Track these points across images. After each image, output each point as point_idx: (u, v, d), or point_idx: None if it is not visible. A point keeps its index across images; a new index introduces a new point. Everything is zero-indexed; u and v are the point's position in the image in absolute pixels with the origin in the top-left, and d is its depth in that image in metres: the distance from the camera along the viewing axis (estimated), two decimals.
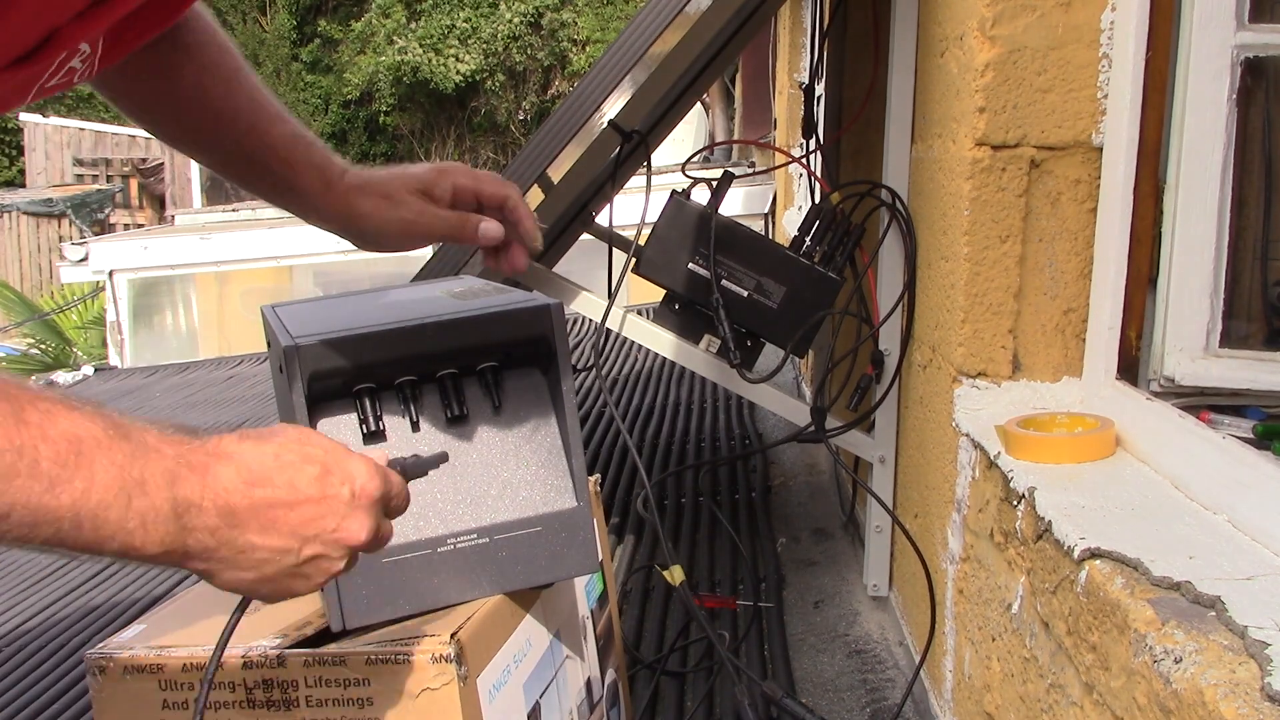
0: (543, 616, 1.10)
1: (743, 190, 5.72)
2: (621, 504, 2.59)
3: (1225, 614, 0.74)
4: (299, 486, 0.68)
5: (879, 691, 1.64)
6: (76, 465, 0.59)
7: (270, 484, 0.67)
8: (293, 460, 0.69)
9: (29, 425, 0.58)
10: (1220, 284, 1.18)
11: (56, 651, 2.10)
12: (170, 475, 0.63)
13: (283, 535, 0.67)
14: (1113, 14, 1.21)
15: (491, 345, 1.03)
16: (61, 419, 0.60)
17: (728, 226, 1.68)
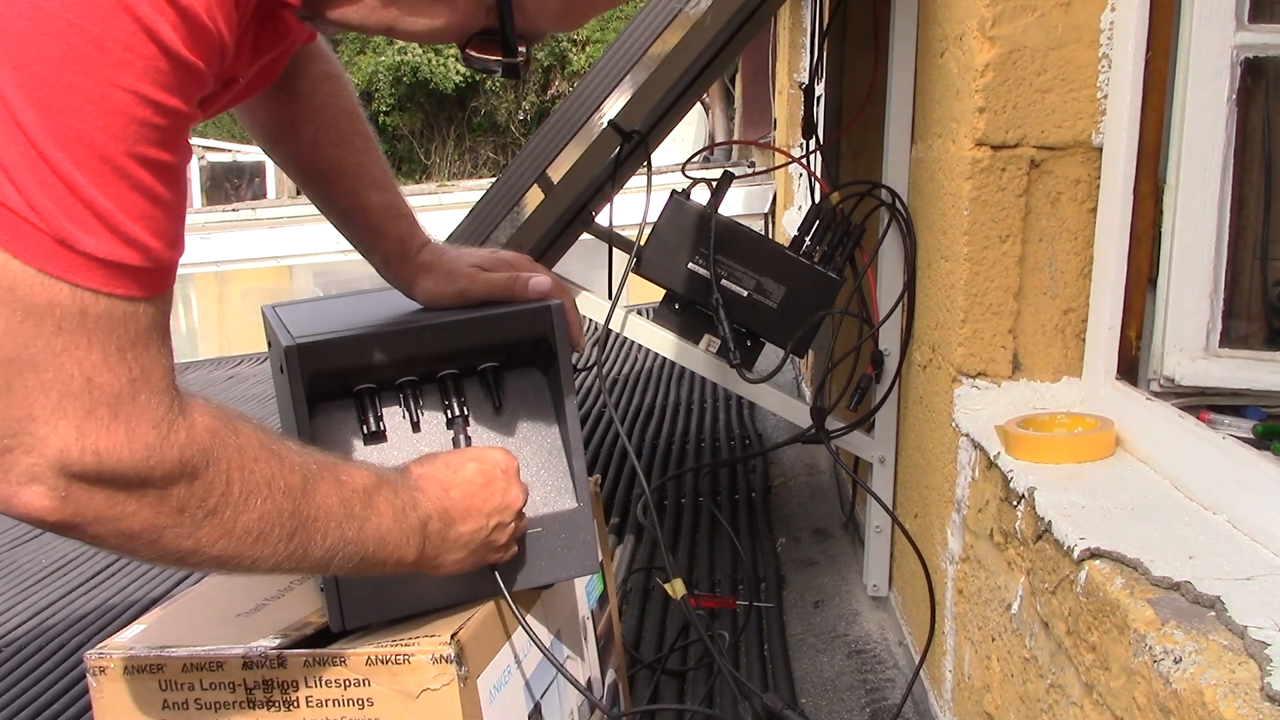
0: (543, 617, 1.10)
1: (743, 190, 5.72)
2: (621, 504, 2.59)
3: (1225, 614, 0.74)
4: (472, 480, 0.91)
5: (879, 691, 1.64)
6: (372, 507, 0.81)
7: (456, 486, 0.90)
8: (457, 464, 0.92)
9: (344, 485, 0.79)
10: (1220, 284, 1.18)
11: (56, 651, 2.10)
12: (411, 500, 0.86)
13: (477, 518, 0.91)
14: (1112, 14, 1.21)
15: (492, 346, 1.03)
16: (359, 476, 0.81)
17: (728, 226, 1.68)
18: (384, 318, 1.02)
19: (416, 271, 1.06)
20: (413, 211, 1.09)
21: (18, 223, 0.59)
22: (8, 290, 0.59)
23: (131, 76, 0.59)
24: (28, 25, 0.57)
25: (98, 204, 0.60)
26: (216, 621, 1.00)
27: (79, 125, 0.58)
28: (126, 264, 0.62)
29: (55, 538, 3.00)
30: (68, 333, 0.60)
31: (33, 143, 0.58)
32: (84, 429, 0.62)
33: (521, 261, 1.09)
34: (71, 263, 0.60)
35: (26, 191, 0.58)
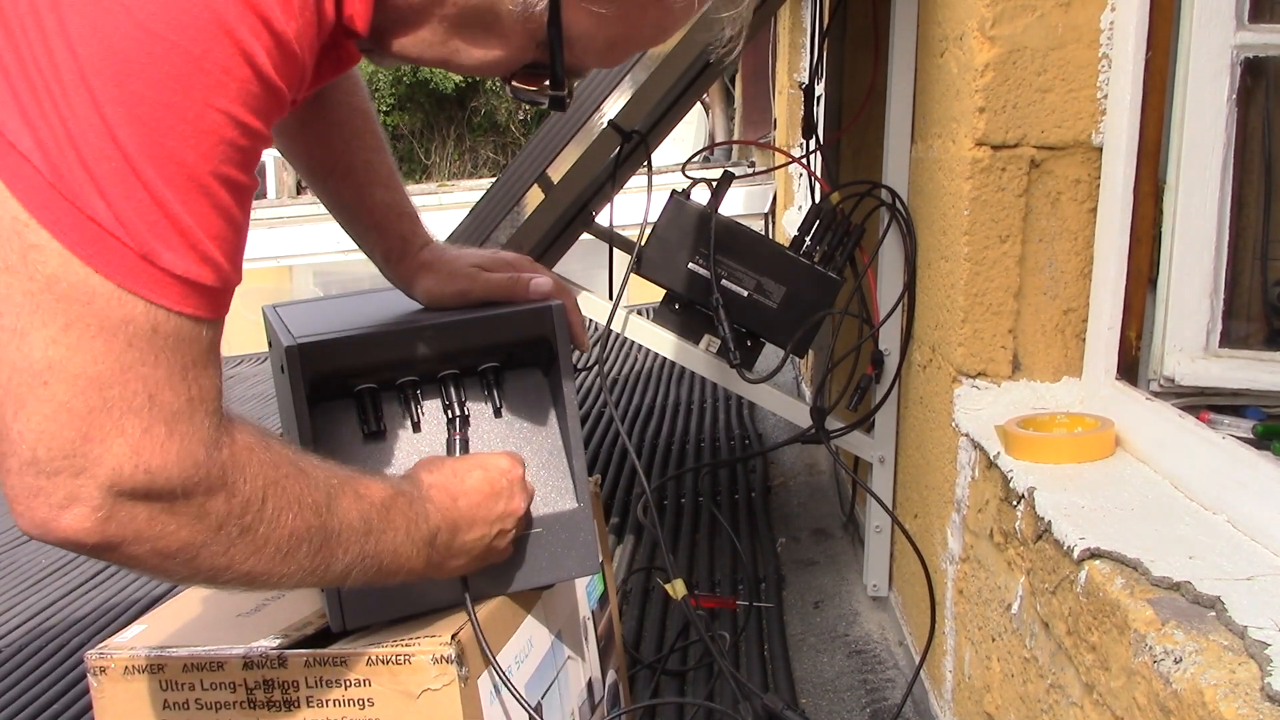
0: (544, 617, 1.10)
1: (743, 190, 5.72)
2: (621, 504, 2.59)
3: (1225, 614, 0.74)
4: (478, 488, 0.92)
5: (879, 691, 1.64)
6: (388, 521, 0.82)
7: (463, 495, 0.91)
8: (464, 471, 0.93)
9: (363, 499, 0.80)
10: (1220, 284, 1.18)
11: (57, 652, 2.10)
12: (423, 512, 0.87)
13: (482, 526, 0.92)
14: (1112, 14, 1.21)
15: (493, 346, 1.03)
16: (376, 489, 0.82)
17: (728, 226, 1.68)
18: (385, 318, 1.02)
19: (417, 270, 1.06)
20: (416, 212, 1.09)
21: (104, 237, 0.59)
22: (85, 305, 0.59)
23: (226, 98, 0.61)
24: (133, 45, 0.58)
25: (182, 221, 0.61)
26: (217, 621, 1.00)
27: (172, 143, 0.59)
28: (201, 283, 0.63)
29: None
30: (137, 349, 0.61)
31: (127, 158, 0.58)
32: (139, 446, 0.62)
33: (522, 262, 1.09)
34: (151, 279, 0.61)
35: (116, 206, 0.59)
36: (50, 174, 0.58)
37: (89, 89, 0.57)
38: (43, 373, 0.59)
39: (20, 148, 0.58)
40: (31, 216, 0.58)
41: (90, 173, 0.58)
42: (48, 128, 0.58)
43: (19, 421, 0.60)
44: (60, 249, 0.58)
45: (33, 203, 0.58)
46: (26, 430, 0.60)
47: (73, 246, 0.59)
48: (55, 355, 0.59)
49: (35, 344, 0.59)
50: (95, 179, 0.58)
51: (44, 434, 0.60)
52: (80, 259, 0.59)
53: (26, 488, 0.61)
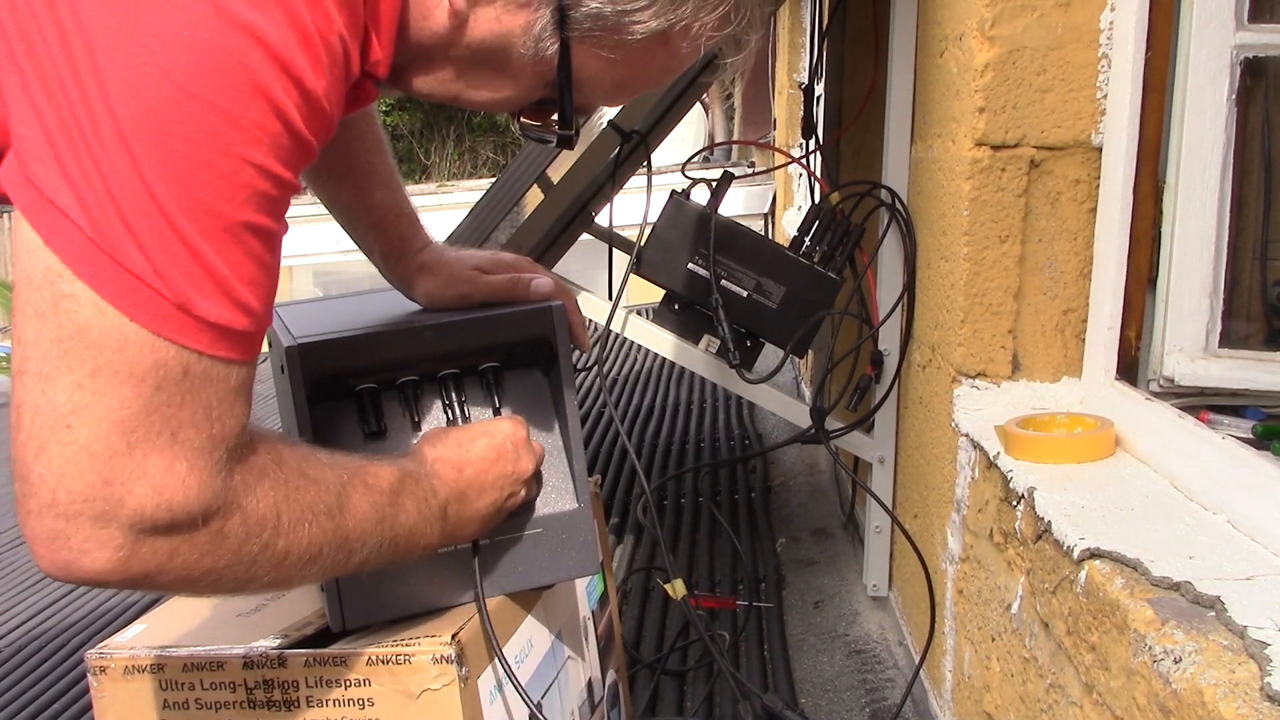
0: (544, 617, 1.10)
1: (743, 190, 5.72)
2: (621, 504, 2.59)
3: (1225, 614, 0.74)
4: (484, 455, 0.94)
5: (879, 691, 1.64)
6: (399, 505, 0.83)
7: (469, 464, 0.92)
8: (467, 441, 0.94)
9: (372, 489, 0.80)
10: (1220, 284, 1.18)
11: (57, 651, 2.10)
12: (431, 488, 0.88)
13: (492, 491, 0.94)
14: (1112, 14, 1.21)
15: (493, 347, 1.03)
16: (384, 476, 0.82)
17: (727, 227, 1.68)
18: (385, 318, 1.02)
19: (416, 272, 1.06)
20: (416, 212, 1.09)
21: (141, 288, 0.60)
22: (116, 351, 0.60)
23: (259, 152, 0.63)
24: (171, 106, 0.59)
25: (218, 270, 0.62)
26: (217, 621, 1.00)
27: (208, 197, 0.61)
28: (233, 328, 0.64)
29: None
30: (165, 391, 0.62)
31: (164, 213, 0.60)
32: (161, 485, 0.62)
33: (522, 263, 1.09)
34: (186, 326, 0.62)
35: (154, 259, 0.60)
36: (90, 229, 0.59)
37: (128, 147, 0.59)
38: (66, 416, 0.60)
39: (59, 203, 0.59)
40: (67, 267, 0.59)
41: (129, 227, 0.59)
42: (87, 185, 0.59)
43: (39, 464, 0.60)
44: (94, 298, 0.60)
45: (70, 255, 0.59)
46: (47, 473, 0.60)
47: (109, 296, 0.60)
48: (80, 399, 0.60)
49: (60, 388, 0.60)
50: (134, 233, 0.60)
51: (64, 477, 0.60)
52: (116, 308, 0.60)
53: (47, 531, 0.61)
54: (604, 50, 0.76)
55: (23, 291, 0.61)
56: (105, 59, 0.59)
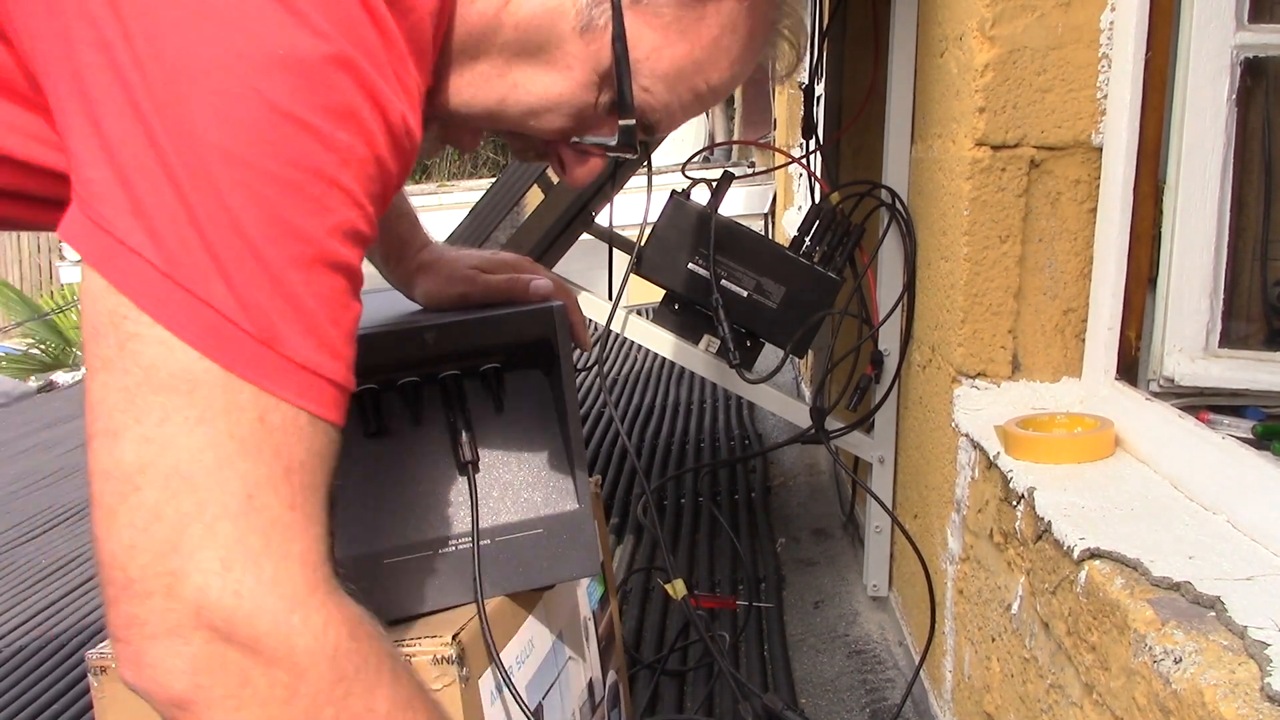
0: (545, 618, 1.10)
1: (743, 190, 5.72)
2: (621, 504, 2.59)
3: (1225, 614, 0.74)
4: None
5: (879, 691, 1.64)
6: None
7: None
8: None
9: None
10: (1220, 284, 1.18)
11: (57, 652, 2.10)
12: None
13: None
14: (1112, 14, 1.21)
15: (494, 347, 1.03)
16: None
17: (727, 227, 1.68)
18: (385, 318, 1.02)
19: (416, 272, 1.06)
20: (416, 213, 1.09)
21: (220, 322, 0.55)
22: (186, 394, 0.54)
23: (348, 175, 0.59)
24: (266, 126, 0.56)
25: (307, 305, 0.57)
26: None
27: (299, 220, 0.57)
28: (321, 374, 0.58)
29: (55, 537, 3.01)
30: (238, 440, 0.55)
31: (249, 239, 0.55)
32: (230, 559, 0.55)
33: (522, 263, 1.09)
34: (270, 365, 0.56)
35: (238, 288, 0.55)
36: (164, 264, 0.54)
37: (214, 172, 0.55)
38: (133, 476, 0.54)
39: (130, 243, 0.55)
40: (134, 305, 0.54)
41: (213, 256, 0.55)
42: (164, 217, 0.55)
43: (110, 540, 0.55)
44: (163, 334, 0.54)
45: (141, 294, 0.54)
46: (118, 549, 0.54)
47: (181, 331, 0.54)
48: (148, 455, 0.54)
49: (127, 444, 0.54)
50: (218, 261, 0.55)
51: (135, 549, 0.54)
52: (186, 343, 0.54)
53: (123, 619, 0.55)
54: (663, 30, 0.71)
55: (90, 347, 0.56)
56: (190, 85, 0.55)
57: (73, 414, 5.23)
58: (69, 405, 5.56)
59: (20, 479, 3.85)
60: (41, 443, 4.51)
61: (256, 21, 0.56)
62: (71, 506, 3.33)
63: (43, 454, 4.24)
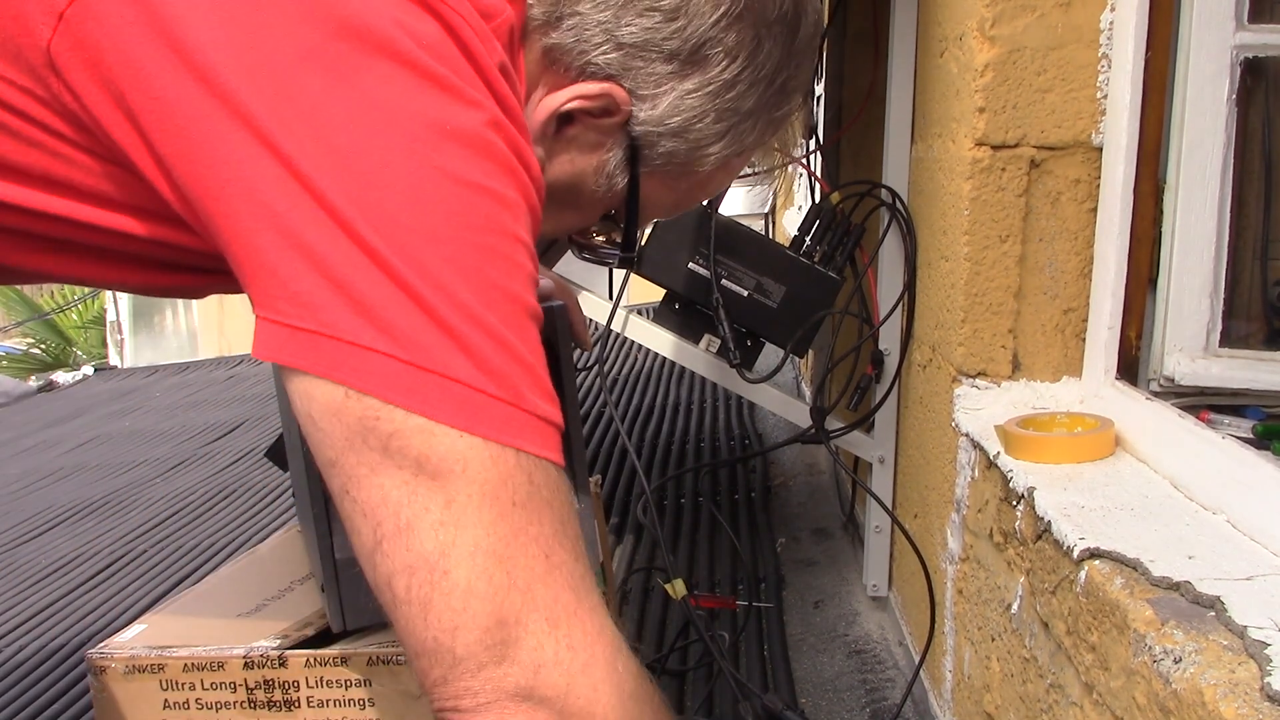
0: None
1: (743, 190, 5.71)
2: (621, 504, 2.59)
3: (1225, 614, 0.74)
4: None
5: (879, 691, 1.64)
6: None
7: None
8: None
9: None
10: (1220, 284, 1.18)
11: (56, 651, 2.10)
12: None
13: None
14: (1112, 14, 1.21)
15: None
16: None
17: (728, 226, 1.68)
18: None
19: None
20: None
21: (471, 395, 0.56)
22: (461, 474, 0.55)
23: (523, 229, 0.61)
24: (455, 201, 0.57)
25: (527, 359, 0.59)
26: (217, 621, 1.00)
27: (503, 283, 0.58)
28: (550, 420, 0.60)
29: (55, 537, 3.01)
30: (521, 507, 0.56)
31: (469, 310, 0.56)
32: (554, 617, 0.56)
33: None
34: (523, 425, 0.57)
35: (479, 358, 0.56)
36: (404, 353, 0.55)
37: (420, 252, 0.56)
38: (439, 562, 0.55)
39: (363, 342, 0.55)
40: (385, 402, 0.55)
41: (446, 331, 0.56)
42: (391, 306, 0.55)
43: (431, 628, 0.55)
44: (422, 423, 0.55)
45: (388, 389, 0.55)
46: (441, 633, 0.55)
47: (436, 414, 0.55)
48: (446, 538, 0.55)
49: (424, 535, 0.55)
50: (452, 335, 0.56)
51: (459, 629, 0.55)
52: (446, 424, 0.55)
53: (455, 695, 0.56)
54: (671, 180, 0.78)
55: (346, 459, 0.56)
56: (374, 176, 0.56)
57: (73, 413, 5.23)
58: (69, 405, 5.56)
59: (20, 479, 3.85)
60: (42, 442, 4.51)
61: (416, 102, 0.58)
62: (72, 506, 3.33)
63: (43, 454, 4.24)
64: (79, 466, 3.88)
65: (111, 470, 3.72)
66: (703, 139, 0.76)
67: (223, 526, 2.90)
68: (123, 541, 2.85)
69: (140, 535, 2.90)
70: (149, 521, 3.03)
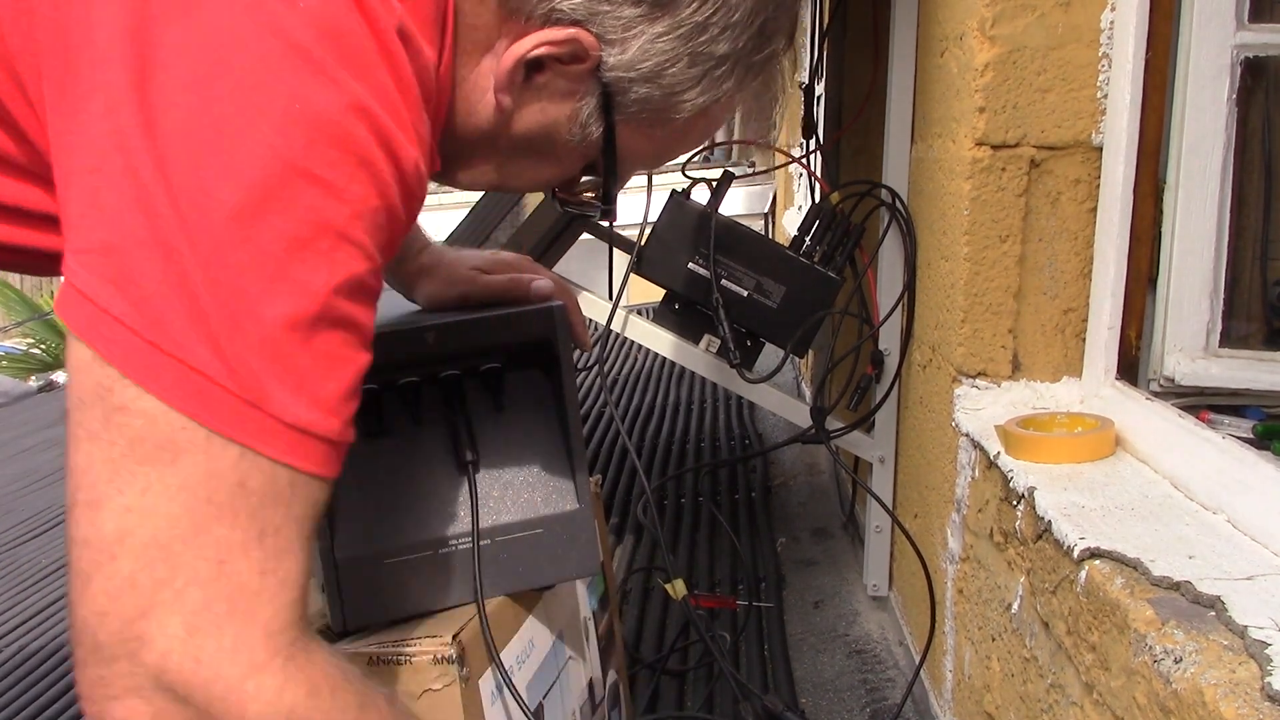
0: (545, 618, 1.10)
1: (743, 190, 5.72)
2: (621, 504, 2.59)
3: (1225, 614, 0.74)
4: None
5: (879, 691, 1.64)
6: None
7: None
8: None
9: None
10: (1220, 284, 1.19)
11: (56, 651, 2.10)
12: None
13: None
14: (1112, 14, 1.21)
15: (495, 347, 1.03)
16: None
17: (727, 226, 1.68)
18: (386, 319, 1.02)
19: (416, 274, 1.06)
20: None
21: (206, 385, 0.54)
22: (169, 464, 0.54)
23: (360, 229, 0.59)
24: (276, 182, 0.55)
25: (301, 363, 0.56)
26: None
27: (303, 279, 0.56)
28: (313, 431, 0.58)
29: (55, 537, 3.01)
30: (216, 505, 0.55)
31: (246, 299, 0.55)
32: (194, 625, 0.55)
33: (522, 263, 1.09)
34: (256, 425, 0.55)
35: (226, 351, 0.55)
36: (147, 330, 0.54)
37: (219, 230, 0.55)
38: (111, 546, 0.54)
39: (114, 312, 0.54)
40: (121, 374, 0.54)
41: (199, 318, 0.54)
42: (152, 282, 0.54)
43: (83, 605, 0.55)
44: (150, 404, 0.54)
45: (127, 363, 0.54)
46: (90, 615, 0.55)
47: (165, 395, 0.54)
48: (128, 524, 0.54)
49: (108, 514, 0.54)
50: (204, 324, 0.54)
51: (106, 615, 0.54)
52: (171, 406, 0.54)
53: (89, 681, 0.55)
54: (648, 128, 0.77)
55: (75, 415, 0.55)
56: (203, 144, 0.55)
57: None
58: None
59: (20, 479, 3.85)
60: (42, 442, 4.50)
61: (274, 76, 0.56)
62: None
63: (43, 454, 4.24)
64: None
65: None
66: (677, 84, 0.74)
67: None
68: None
69: None
70: None
